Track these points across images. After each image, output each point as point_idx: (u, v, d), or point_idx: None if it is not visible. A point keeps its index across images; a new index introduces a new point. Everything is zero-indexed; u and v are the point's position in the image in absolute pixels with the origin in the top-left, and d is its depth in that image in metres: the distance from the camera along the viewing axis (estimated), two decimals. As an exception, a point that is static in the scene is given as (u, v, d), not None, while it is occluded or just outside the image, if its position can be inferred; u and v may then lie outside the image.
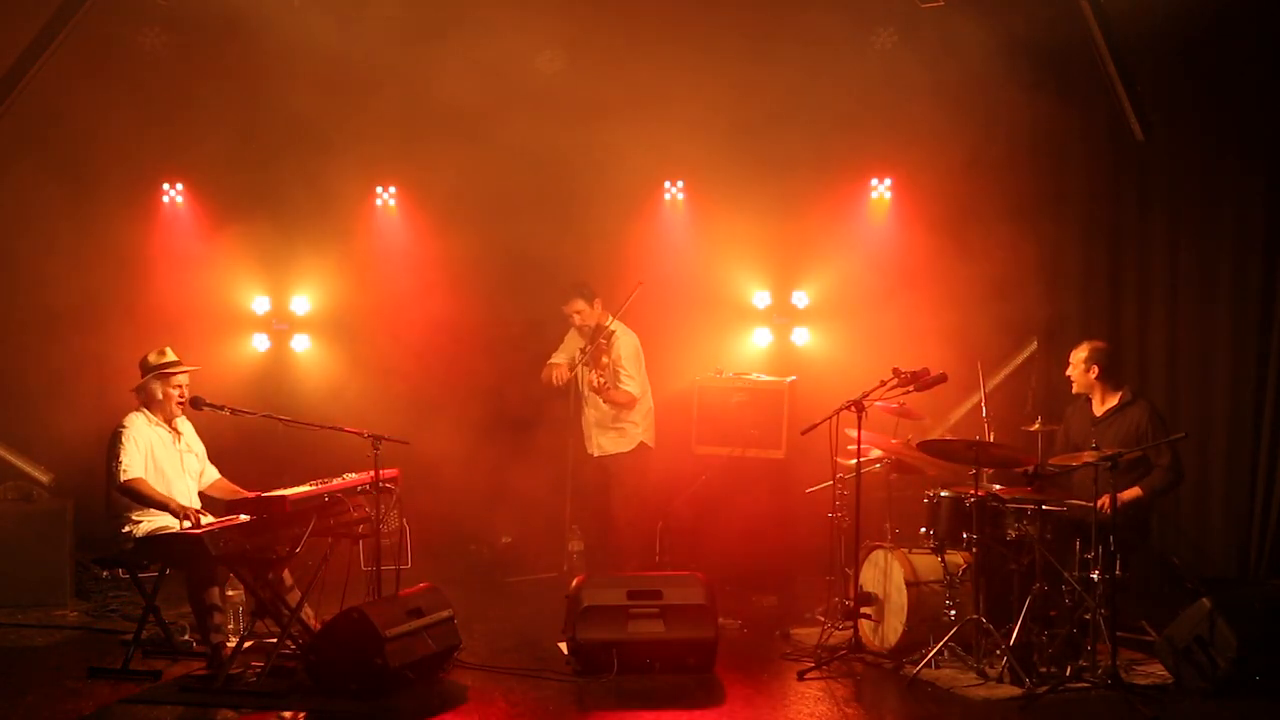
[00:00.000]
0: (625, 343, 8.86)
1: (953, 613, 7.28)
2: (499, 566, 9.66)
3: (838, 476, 7.94)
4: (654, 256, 9.99)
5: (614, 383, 8.77)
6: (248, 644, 7.03)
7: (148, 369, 7.52)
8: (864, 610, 7.57)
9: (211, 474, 7.74)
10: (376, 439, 7.12)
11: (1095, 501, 6.98)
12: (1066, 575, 7.17)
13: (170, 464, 7.47)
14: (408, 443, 7.41)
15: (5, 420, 9.65)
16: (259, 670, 6.90)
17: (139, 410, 7.49)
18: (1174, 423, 8.07)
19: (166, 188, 10.17)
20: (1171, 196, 9.32)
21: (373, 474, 7.12)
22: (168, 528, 7.16)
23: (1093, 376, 7.82)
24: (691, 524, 9.10)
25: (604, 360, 8.74)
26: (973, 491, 7.28)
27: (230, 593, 7.53)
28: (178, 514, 7.14)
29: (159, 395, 7.49)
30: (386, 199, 10.29)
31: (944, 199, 9.43)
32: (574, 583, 7.33)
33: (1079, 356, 7.87)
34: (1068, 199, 9.52)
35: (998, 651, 7.07)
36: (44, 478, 9.54)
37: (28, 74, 9.05)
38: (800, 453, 8.72)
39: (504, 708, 6.58)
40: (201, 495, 7.61)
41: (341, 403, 9.50)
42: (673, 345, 9.58)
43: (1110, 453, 7.01)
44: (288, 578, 7.35)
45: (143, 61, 9.83)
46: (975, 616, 7.16)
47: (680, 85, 9.40)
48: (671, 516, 9.19)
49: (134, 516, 7.28)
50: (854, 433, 7.55)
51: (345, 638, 6.59)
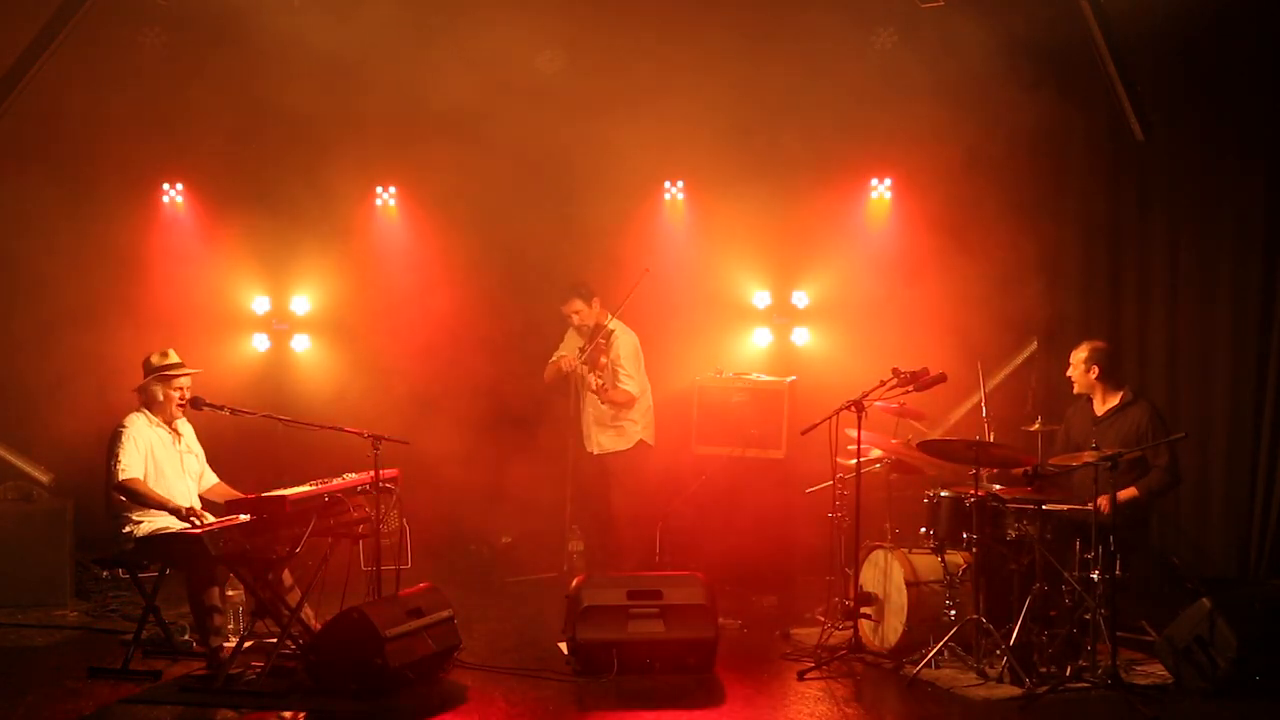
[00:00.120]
0: (624, 342, 8.86)
1: (953, 613, 7.27)
2: (499, 566, 9.67)
3: (838, 476, 7.94)
4: (654, 256, 9.95)
5: (613, 382, 8.77)
6: (248, 644, 7.03)
7: (150, 370, 7.52)
8: (864, 610, 7.57)
9: (210, 478, 7.73)
10: (376, 439, 7.13)
11: (1094, 501, 6.98)
12: (1066, 575, 7.16)
13: (170, 465, 7.47)
14: (408, 443, 7.42)
15: (5, 420, 9.65)
16: (259, 670, 6.90)
17: (140, 411, 7.49)
18: (1174, 423, 8.07)
19: (166, 188, 10.16)
20: (1171, 196, 9.32)
21: (373, 474, 7.12)
22: (168, 528, 7.16)
23: (1093, 377, 7.82)
24: (691, 524, 9.09)
25: (602, 360, 8.74)
26: (973, 491, 7.27)
27: (230, 593, 7.53)
28: (177, 514, 7.15)
29: (160, 396, 7.50)
30: (386, 199, 10.29)
31: (944, 199, 9.43)
32: (574, 583, 7.33)
33: (1079, 357, 7.87)
34: (1068, 199, 9.52)
35: (998, 651, 7.07)
36: (44, 478, 9.54)
37: (28, 74, 9.06)
38: (800, 453, 8.71)
39: (504, 708, 6.58)
40: (200, 498, 7.60)
41: (341, 403, 9.50)
42: (673, 345, 9.59)
43: (1110, 453, 7.01)
44: (288, 578, 7.35)
45: (143, 62, 9.82)
46: (975, 616, 7.16)
47: (680, 85, 9.42)
48: (671, 516, 9.17)
49: (134, 516, 7.28)
50: (854, 433, 7.56)
51: (345, 638, 6.59)
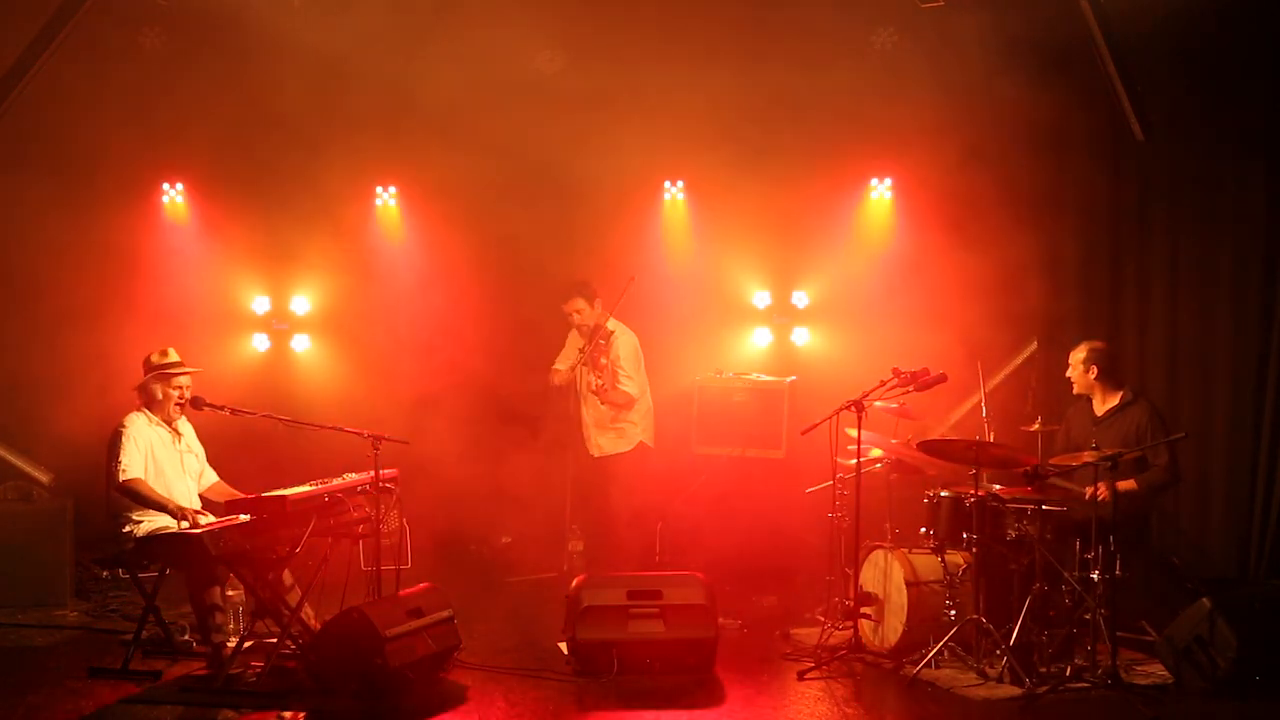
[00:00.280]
0: (624, 343, 8.85)
1: (953, 613, 7.27)
2: (499, 566, 9.67)
3: (838, 476, 7.94)
4: (654, 256, 10.01)
5: (612, 383, 8.77)
6: (248, 644, 7.03)
7: (150, 369, 7.53)
8: (864, 610, 7.57)
9: (210, 477, 7.73)
10: (376, 439, 7.13)
11: (1090, 489, 6.97)
12: (1066, 575, 7.17)
13: (170, 464, 7.47)
14: (408, 443, 7.42)
15: (5, 420, 9.64)
16: (259, 670, 6.90)
17: (140, 410, 7.49)
18: (1174, 423, 8.06)
19: (166, 188, 10.16)
20: (1171, 196, 9.30)
21: (373, 474, 7.12)
22: (168, 528, 7.16)
23: (1092, 377, 7.82)
24: (691, 524, 9.10)
25: (602, 361, 8.73)
26: (973, 491, 7.28)
27: (230, 593, 7.52)
28: (176, 514, 7.15)
29: (159, 395, 7.50)
30: (386, 199, 10.28)
31: (944, 199, 9.42)
32: (574, 583, 7.33)
33: (1077, 357, 7.88)
34: (1067, 199, 9.50)
35: (998, 651, 7.07)
36: (44, 478, 9.53)
37: (28, 74, 9.05)
38: (800, 453, 8.71)
39: (504, 708, 6.58)
40: (200, 497, 7.60)
41: (341, 403, 9.50)
42: (673, 345, 9.59)
43: (1110, 452, 7.01)
44: (288, 578, 7.35)
45: (143, 62, 9.82)
46: (975, 616, 7.16)
47: (681, 84, 9.42)
48: (671, 516, 9.18)
49: (134, 516, 7.28)
50: (854, 433, 7.56)
51: (345, 638, 6.59)
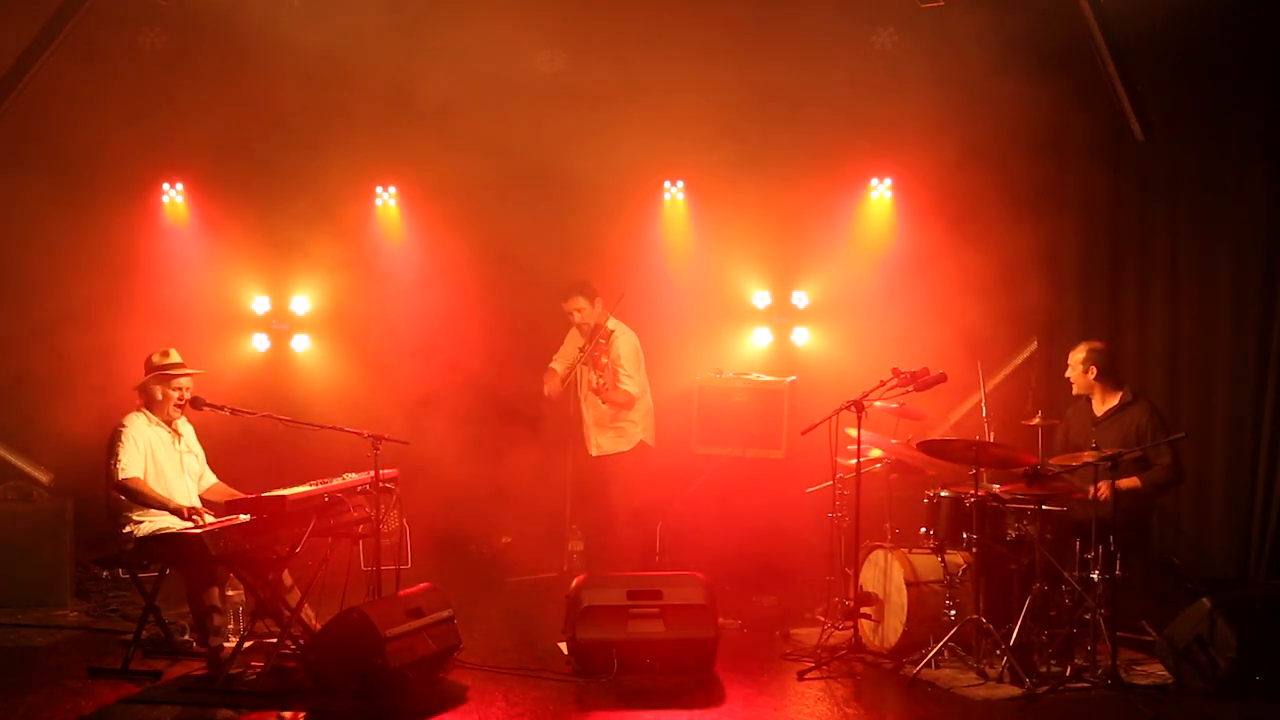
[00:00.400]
0: (624, 342, 8.85)
1: (953, 613, 7.27)
2: (499, 566, 9.67)
3: (838, 476, 7.94)
4: (654, 256, 10.02)
5: (613, 383, 8.76)
6: (248, 644, 7.03)
7: (151, 369, 7.52)
8: (864, 610, 7.57)
9: (210, 478, 7.72)
10: (376, 439, 7.13)
11: (1092, 488, 6.98)
12: (1066, 575, 7.16)
13: (170, 464, 7.46)
14: (408, 443, 7.42)
15: (5, 420, 9.64)
16: (259, 670, 6.90)
17: (140, 410, 7.49)
18: (1174, 422, 8.06)
19: (166, 188, 10.15)
20: (1171, 196, 9.31)
21: (373, 474, 7.12)
22: (168, 528, 7.15)
23: (1091, 377, 7.82)
24: (691, 524, 9.10)
25: (603, 360, 8.73)
26: (973, 491, 7.28)
27: (230, 593, 7.52)
28: (178, 513, 7.15)
29: (159, 396, 7.49)
30: (386, 199, 10.28)
31: (944, 199, 9.43)
32: (574, 583, 7.33)
33: (1077, 358, 7.88)
34: (1067, 200, 9.50)
35: (998, 651, 7.07)
36: (44, 478, 9.53)
37: (28, 74, 9.05)
38: (800, 453, 8.71)
39: (504, 708, 6.58)
40: (200, 498, 7.59)
41: (341, 403, 9.50)
42: (673, 345, 9.59)
43: (1110, 452, 7.01)
44: (288, 578, 7.35)
45: (142, 62, 9.81)
46: (975, 616, 7.16)
47: (681, 84, 9.42)
48: (671, 516, 9.19)
49: (134, 516, 7.27)
50: (854, 433, 7.56)
51: (345, 638, 6.58)
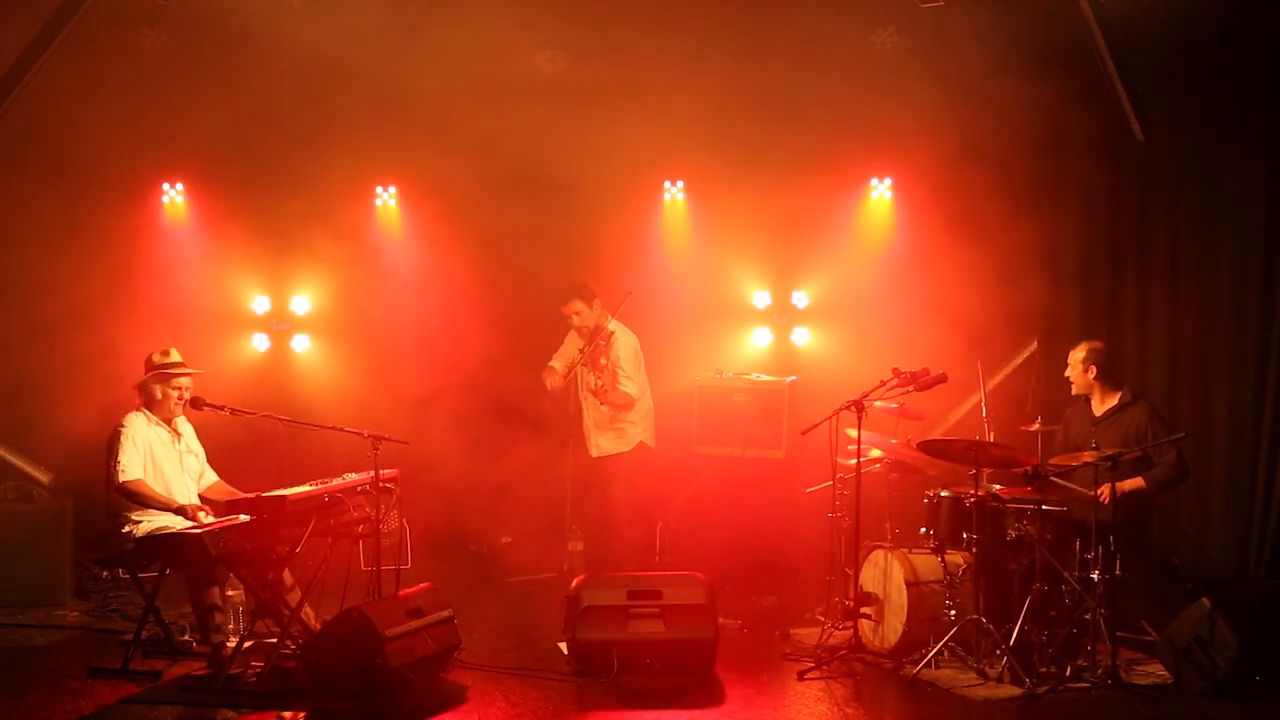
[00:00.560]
0: (624, 343, 8.84)
1: (953, 613, 7.27)
2: (499, 566, 9.67)
3: (838, 476, 7.94)
4: (654, 256, 10.02)
5: (612, 384, 8.75)
6: (248, 644, 7.03)
7: (151, 368, 7.52)
8: (864, 610, 7.57)
9: (210, 477, 7.73)
10: (376, 439, 7.13)
11: (1095, 490, 6.97)
12: (1066, 575, 7.16)
13: (170, 464, 7.46)
14: (408, 443, 7.42)
15: (5, 420, 9.64)
16: (259, 670, 6.90)
17: (139, 410, 7.49)
18: (1174, 422, 8.06)
19: (166, 188, 10.15)
20: (1171, 196, 9.30)
21: (373, 474, 7.12)
22: (168, 528, 7.15)
23: (1091, 377, 7.82)
24: (691, 524, 9.11)
25: (602, 361, 8.73)
26: (973, 491, 7.28)
27: (230, 593, 7.52)
28: (181, 513, 7.15)
29: (159, 395, 7.49)
30: (386, 199, 10.28)
31: (944, 199, 9.43)
32: (574, 583, 7.33)
33: (1076, 358, 7.88)
34: (1067, 200, 9.50)
35: (998, 651, 7.07)
36: (44, 478, 9.53)
37: (28, 74, 9.05)
38: (800, 453, 8.72)
39: (504, 708, 6.58)
40: (200, 497, 7.59)
41: (341, 403, 9.50)
42: (673, 345, 9.59)
43: (1110, 452, 7.01)
44: (288, 578, 7.35)
45: (142, 62, 9.81)
46: (975, 616, 7.16)
47: (681, 85, 9.40)
48: (671, 516, 9.19)
49: (134, 516, 7.27)
50: (854, 433, 7.56)
51: (345, 638, 6.59)
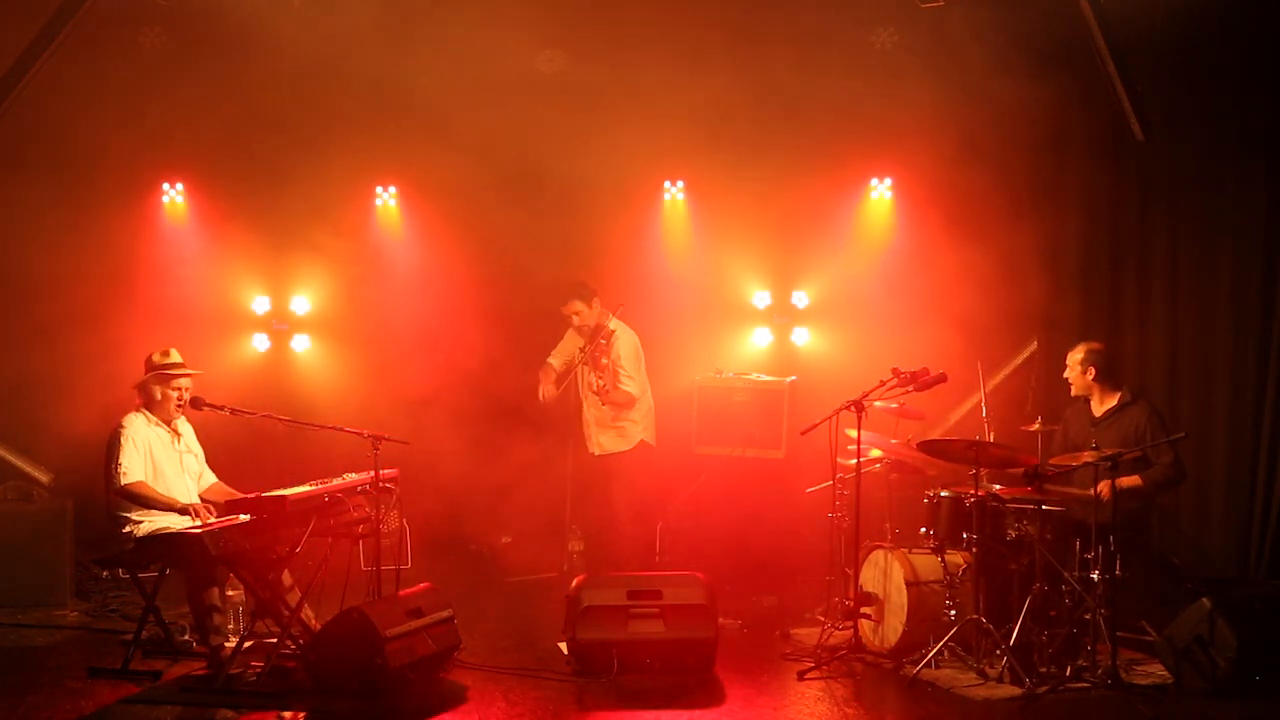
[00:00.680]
0: (625, 342, 8.84)
1: (953, 613, 7.27)
2: (499, 566, 9.67)
3: (838, 476, 7.94)
4: (654, 256, 10.02)
5: (613, 383, 8.76)
6: (248, 644, 7.03)
7: (151, 368, 7.51)
8: (864, 610, 7.57)
9: (209, 478, 7.72)
10: (376, 439, 7.13)
11: (1094, 487, 6.97)
12: (1066, 575, 7.16)
13: (169, 464, 7.46)
14: (408, 443, 7.42)
15: (5, 420, 9.64)
16: (259, 670, 6.90)
17: (138, 410, 7.48)
18: (1174, 423, 8.06)
19: (166, 188, 10.15)
20: (1171, 196, 9.30)
21: (373, 474, 7.12)
22: (168, 528, 7.15)
23: (1090, 378, 7.82)
24: (691, 524, 9.10)
25: (604, 361, 8.73)
26: (973, 491, 7.28)
27: (230, 593, 7.53)
28: (184, 513, 7.15)
29: (158, 395, 7.48)
30: (386, 199, 10.28)
31: (944, 199, 9.43)
32: (574, 583, 7.32)
33: (1075, 358, 7.88)
34: (1067, 200, 9.51)
35: (998, 651, 7.07)
36: (44, 478, 9.53)
37: (28, 74, 9.05)
38: (800, 453, 8.71)
39: (504, 708, 6.58)
40: (200, 498, 7.58)
41: (341, 403, 9.50)
42: (673, 345, 9.59)
43: (1110, 453, 7.01)
44: (288, 578, 7.35)
45: (142, 62, 9.81)
46: (975, 616, 7.16)
47: (681, 85, 9.40)
48: (671, 516, 9.19)
49: (134, 517, 7.27)
50: (854, 433, 7.56)
51: (345, 638, 6.59)
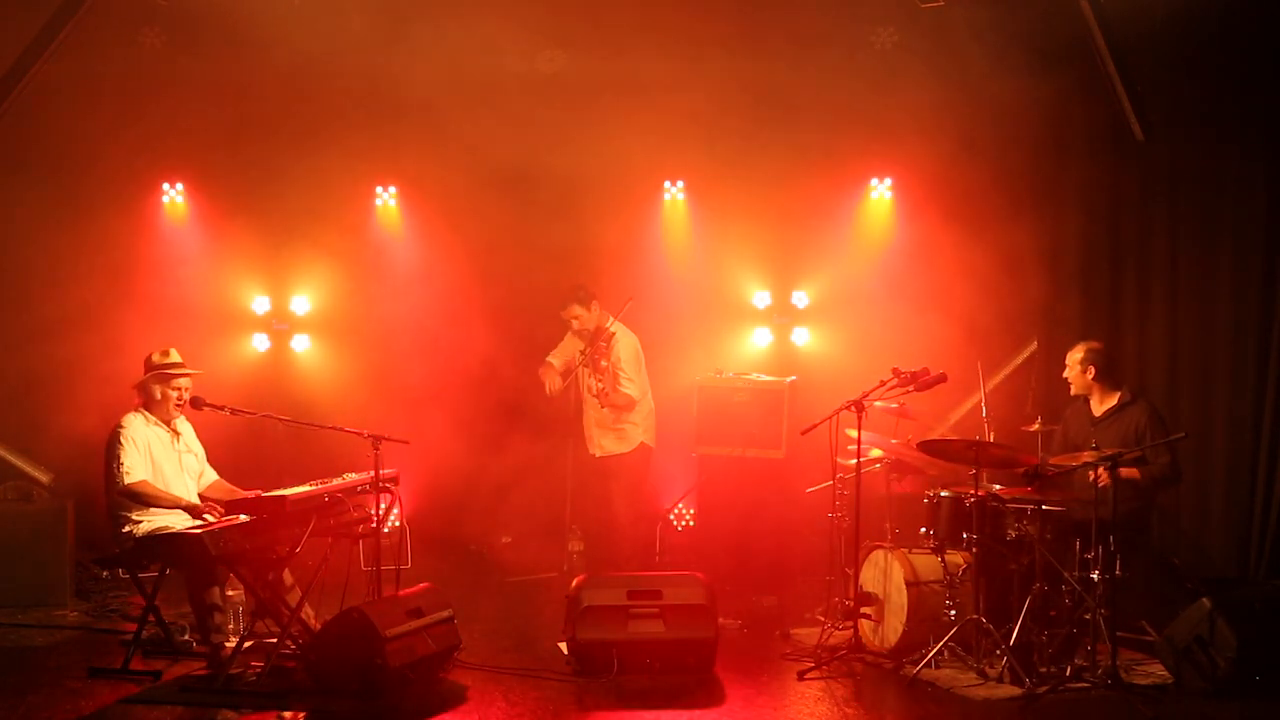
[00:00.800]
0: (625, 344, 8.84)
1: (953, 613, 7.27)
2: (499, 566, 9.67)
3: (838, 476, 7.94)
4: (654, 256, 10.02)
5: (613, 386, 8.75)
6: (248, 644, 7.03)
7: (150, 368, 7.51)
8: (864, 610, 7.57)
9: (210, 475, 7.72)
10: (376, 439, 7.12)
11: (1093, 473, 6.98)
12: (1066, 575, 7.16)
13: (169, 464, 7.45)
14: (408, 443, 7.41)
15: (5, 420, 9.64)
16: (259, 670, 6.90)
17: (138, 410, 7.48)
18: (1174, 423, 8.06)
19: (166, 188, 10.15)
20: (1171, 196, 9.31)
21: (373, 474, 7.12)
22: (168, 527, 7.15)
23: (1089, 377, 7.82)
24: (691, 524, 9.10)
25: (603, 364, 8.72)
26: (973, 491, 7.28)
27: (230, 593, 7.53)
28: (190, 511, 7.15)
29: (158, 395, 7.48)
30: (386, 199, 10.28)
31: (944, 198, 9.43)
32: (574, 583, 7.33)
33: (1075, 358, 7.88)
34: (1067, 200, 9.51)
35: (998, 651, 7.07)
36: (44, 478, 9.53)
37: (27, 74, 9.05)
38: (800, 453, 8.71)
39: (504, 708, 6.58)
40: (200, 497, 7.59)
41: (342, 403, 9.50)
42: (673, 345, 9.60)
43: (1110, 452, 7.01)
44: (288, 578, 7.35)
45: (142, 61, 9.81)
46: (975, 616, 7.16)
47: (681, 85, 9.41)
48: (671, 516, 9.19)
49: (134, 516, 7.26)
50: (854, 433, 7.56)
51: (345, 638, 6.59)
